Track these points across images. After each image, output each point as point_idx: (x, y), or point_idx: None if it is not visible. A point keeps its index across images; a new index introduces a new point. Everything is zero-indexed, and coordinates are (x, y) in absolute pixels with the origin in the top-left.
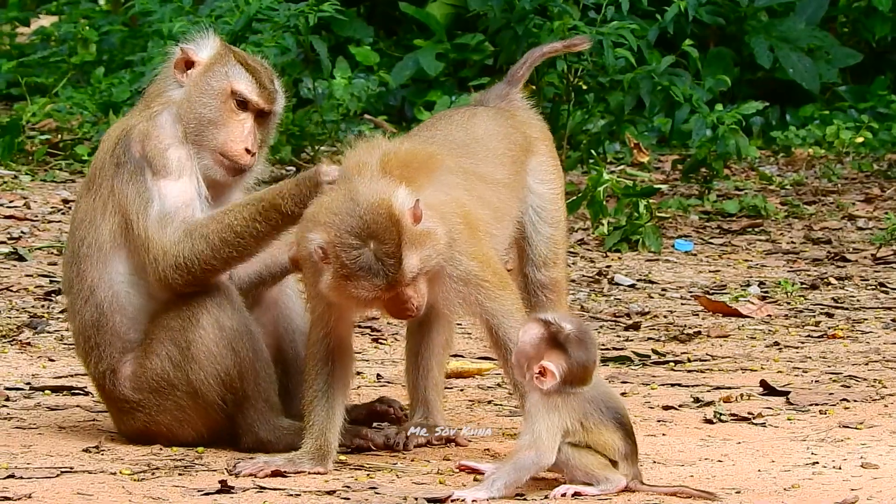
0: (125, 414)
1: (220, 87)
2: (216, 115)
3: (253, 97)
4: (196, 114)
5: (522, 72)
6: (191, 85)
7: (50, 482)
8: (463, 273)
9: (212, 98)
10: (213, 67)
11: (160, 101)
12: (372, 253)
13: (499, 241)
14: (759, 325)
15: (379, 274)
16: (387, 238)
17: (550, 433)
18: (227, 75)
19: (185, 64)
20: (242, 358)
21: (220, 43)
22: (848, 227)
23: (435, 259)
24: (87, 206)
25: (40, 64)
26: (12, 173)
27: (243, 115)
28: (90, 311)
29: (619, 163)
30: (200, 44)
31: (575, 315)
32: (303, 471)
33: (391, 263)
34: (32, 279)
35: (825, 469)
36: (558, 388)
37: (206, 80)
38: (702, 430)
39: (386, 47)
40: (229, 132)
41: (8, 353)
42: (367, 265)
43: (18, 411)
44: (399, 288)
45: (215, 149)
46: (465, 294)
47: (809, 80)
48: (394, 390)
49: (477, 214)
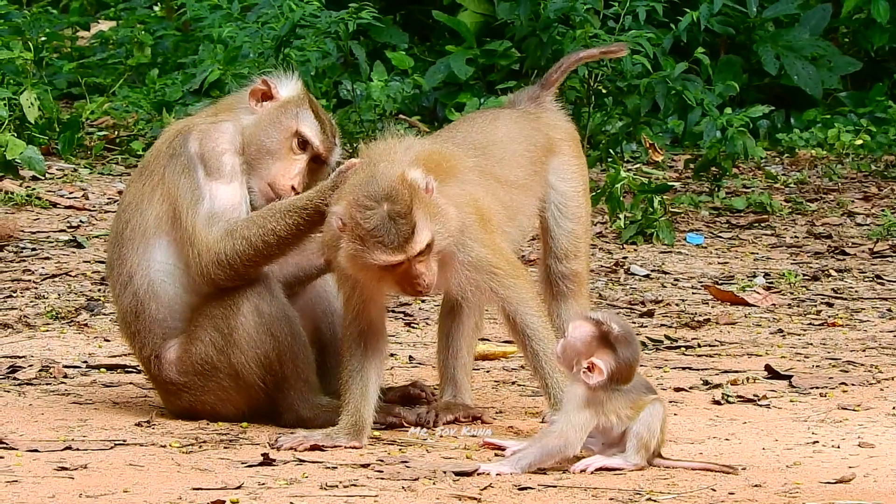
0: (171, 395)
1: (287, 125)
2: (276, 149)
3: (315, 141)
4: (258, 141)
5: (557, 76)
6: (262, 115)
7: (104, 454)
8: (474, 260)
9: (277, 132)
10: (288, 106)
11: (228, 114)
12: (385, 213)
13: (511, 237)
14: (765, 313)
15: (391, 234)
16: (399, 200)
17: (581, 427)
18: (297, 116)
19: (261, 95)
20: (281, 342)
21: (301, 87)
22: (847, 223)
23: (446, 237)
24: (136, 191)
25: (99, 65)
26: (72, 167)
27: (301, 155)
28: (128, 299)
29: (636, 161)
30: (283, 81)
31: (619, 315)
32: (339, 445)
33: (403, 223)
34: (90, 265)
35: (825, 448)
36: (604, 385)
37: (277, 115)
38: (710, 411)
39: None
40: (283, 167)
41: (66, 333)
42: (380, 224)
43: (76, 388)
44: (410, 254)
45: (265, 178)
46: (478, 281)
47: (812, 86)
48: (424, 371)
49: (490, 208)
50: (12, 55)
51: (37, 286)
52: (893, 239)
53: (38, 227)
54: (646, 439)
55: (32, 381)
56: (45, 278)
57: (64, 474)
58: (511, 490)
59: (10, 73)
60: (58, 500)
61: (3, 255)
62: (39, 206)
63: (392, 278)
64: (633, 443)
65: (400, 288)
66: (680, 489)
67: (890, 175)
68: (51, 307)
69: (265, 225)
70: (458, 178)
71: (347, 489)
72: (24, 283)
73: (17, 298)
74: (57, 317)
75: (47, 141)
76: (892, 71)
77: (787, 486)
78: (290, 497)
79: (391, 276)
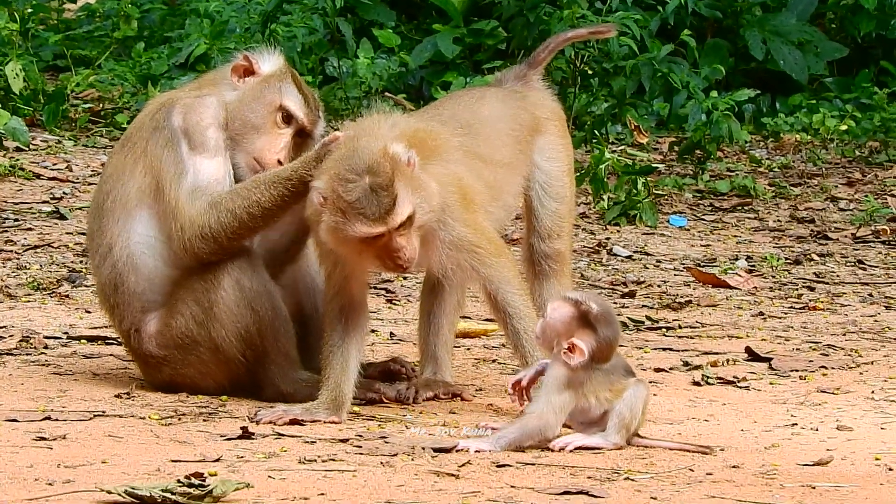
0: (151, 368)
1: (271, 99)
2: (261, 123)
3: (299, 114)
4: (243, 117)
5: (544, 55)
6: (245, 90)
7: (83, 424)
8: (456, 238)
9: (262, 107)
10: (270, 80)
11: (212, 89)
12: (367, 185)
13: (494, 217)
14: (746, 296)
15: (372, 205)
16: (381, 172)
17: (560, 409)
18: (281, 90)
19: (244, 71)
20: (262, 317)
21: (282, 62)
22: (830, 207)
23: (427, 211)
24: (118, 163)
25: (85, 38)
26: (56, 138)
27: (285, 129)
28: (108, 270)
29: (620, 143)
30: (264, 57)
31: (599, 295)
32: (318, 420)
33: (385, 195)
34: (72, 237)
35: (803, 430)
36: (585, 365)
37: (260, 90)
38: (690, 392)
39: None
40: (268, 141)
41: (48, 304)
42: (361, 196)
43: (56, 358)
44: (391, 226)
45: (251, 153)
46: (459, 260)
47: (798, 71)
48: (405, 347)
49: (473, 188)
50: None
51: (19, 257)
52: (876, 224)
53: (21, 198)
54: (627, 420)
55: (13, 351)
56: (28, 249)
57: (42, 444)
58: (489, 467)
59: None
60: (36, 470)
61: None
62: (23, 177)
63: (373, 252)
64: (615, 422)
65: (381, 262)
66: (658, 469)
67: (874, 161)
68: (32, 278)
69: (249, 196)
70: (443, 157)
71: (326, 464)
72: (6, 253)
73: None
74: (38, 287)
75: (32, 112)
76: (878, 57)
77: (765, 468)
78: (268, 470)
79: (372, 250)
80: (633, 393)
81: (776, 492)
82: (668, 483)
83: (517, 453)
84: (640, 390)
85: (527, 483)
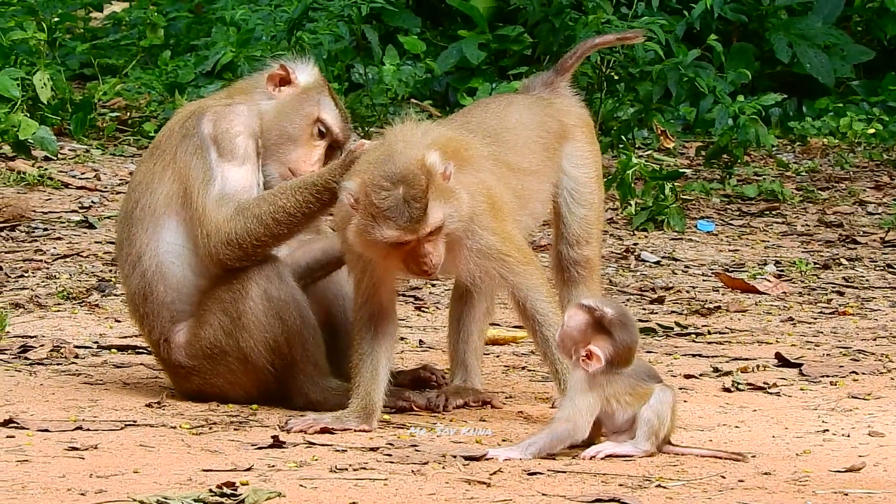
0: (181, 377)
1: (308, 111)
2: (298, 135)
3: (335, 129)
4: (280, 126)
5: (572, 62)
6: (282, 100)
7: (115, 434)
8: (484, 247)
9: (300, 118)
10: (309, 92)
11: (244, 97)
12: (401, 195)
13: (523, 224)
14: (775, 301)
15: (404, 215)
16: (416, 184)
17: (587, 411)
18: (319, 103)
19: (279, 80)
20: (290, 326)
21: (319, 73)
22: (859, 211)
23: (456, 220)
24: (146, 171)
25: (111, 46)
26: (84, 147)
27: (320, 142)
28: (137, 280)
29: (647, 148)
30: (300, 67)
31: (613, 299)
32: (349, 428)
33: (417, 207)
34: (101, 245)
35: (835, 436)
36: (604, 370)
37: (299, 101)
38: (720, 398)
39: (432, 37)
40: (304, 153)
41: (78, 314)
42: (394, 205)
43: (86, 368)
44: (420, 234)
45: (286, 163)
46: (487, 268)
47: (825, 74)
48: (435, 355)
49: (502, 197)
50: (26, 35)
51: (48, 266)
52: None
53: (50, 208)
54: (656, 426)
55: (43, 360)
56: (57, 258)
57: (74, 454)
58: (520, 475)
59: (23, 53)
60: (68, 480)
61: (15, 234)
62: (51, 187)
63: (399, 256)
64: (644, 430)
65: (406, 267)
66: (689, 476)
67: None
68: (62, 287)
69: (275, 202)
70: (473, 166)
71: (357, 472)
72: (36, 263)
73: (29, 278)
74: (68, 297)
75: (60, 121)
76: None
77: (797, 475)
78: (299, 479)
79: (398, 255)
80: (659, 398)
81: (808, 498)
82: (699, 490)
83: (548, 461)
84: (667, 395)
85: (558, 491)
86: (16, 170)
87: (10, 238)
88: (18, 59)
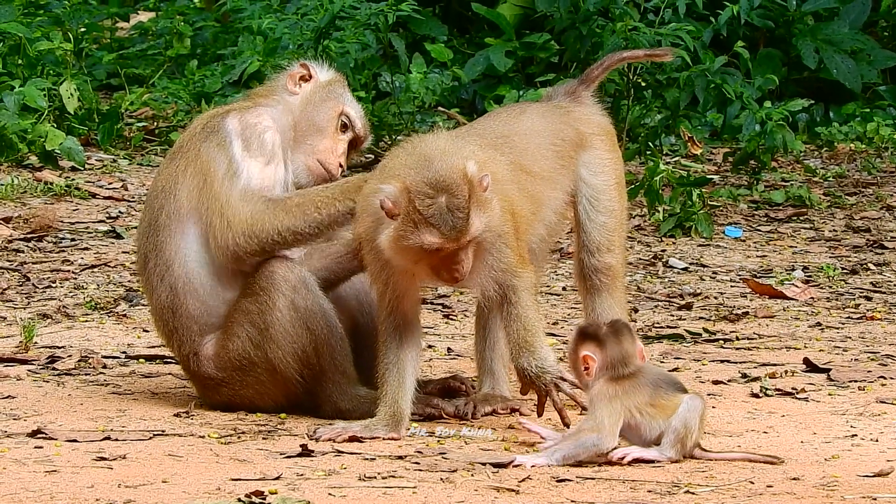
0: (210, 389)
1: (333, 104)
2: (325, 126)
3: (357, 124)
4: (308, 118)
5: (598, 73)
6: (308, 92)
7: (143, 444)
8: (505, 266)
9: (327, 109)
10: (331, 87)
11: (265, 100)
12: (444, 204)
13: (535, 233)
14: (803, 306)
15: (448, 223)
16: (458, 193)
17: (612, 419)
18: (343, 97)
19: (300, 78)
20: (318, 335)
21: (336, 73)
22: (886, 216)
23: (491, 231)
24: (167, 174)
25: (138, 56)
26: (111, 157)
27: (344, 136)
28: (165, 292)
29: (675, 154)
30: (319, 66)
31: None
32: (378, 436)
33: (460, 217)
34: (128, 256)
35: (863, 441)
36: (612, 376)
37: (325, 93)
38: (749, 404)
39: (459, 45)
40: (330, 144)
41: (105, 324)
42: (438, 214)
43: (115, 378)
44: (461, 243)
45: (314, 154)
46: (500, 281)
47: (852, 79)
48: (462, 363)
49: (522, 212)
50: (52, 46)
51: (76, 277)
52: None
53: (77, 218)
54: (682, 434)
55: (72, 371)
56: (84, 269)
57: (103, 464)
58: (549, 482)
59: (49, 63)
60: (96, 491)
61: (43, 245)
62: (78, 197)
63: (432, 262)
64: (670, 437)
65: (435, 273)
66: (718, 481)
67: None
68: (90, 297)
69: (306, 195)
70: (498, 178)
71: (386, 480)
72: (64, 273)
73: (57, 289)
74: (96, 307)
75: (87, 132)
76: None
77: (826, 480)
78: (328, 488)
79: (432, 260)
80: (687, 407)
81: (837, 503)
82: (728, 496)
83: (577, 468)
84: (696, 403)
85: (587, 497)
86: (43, 180)
87: (37, 248)
88: (45, 69)
